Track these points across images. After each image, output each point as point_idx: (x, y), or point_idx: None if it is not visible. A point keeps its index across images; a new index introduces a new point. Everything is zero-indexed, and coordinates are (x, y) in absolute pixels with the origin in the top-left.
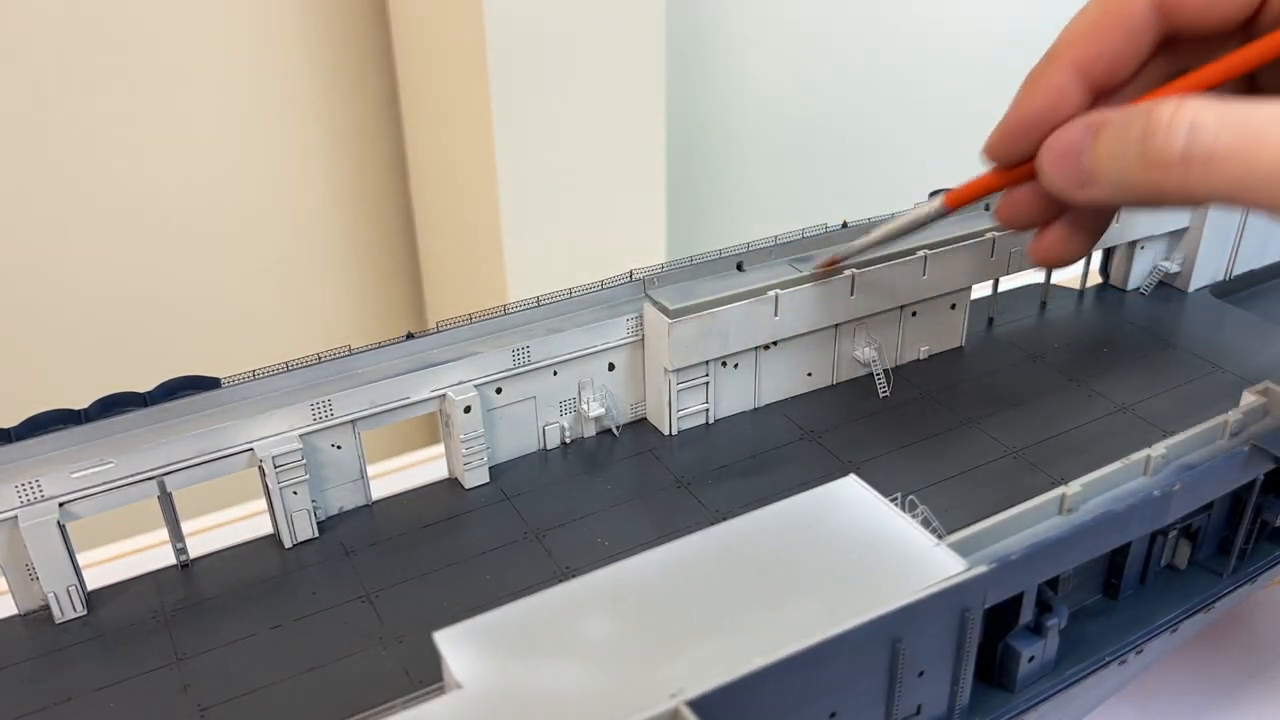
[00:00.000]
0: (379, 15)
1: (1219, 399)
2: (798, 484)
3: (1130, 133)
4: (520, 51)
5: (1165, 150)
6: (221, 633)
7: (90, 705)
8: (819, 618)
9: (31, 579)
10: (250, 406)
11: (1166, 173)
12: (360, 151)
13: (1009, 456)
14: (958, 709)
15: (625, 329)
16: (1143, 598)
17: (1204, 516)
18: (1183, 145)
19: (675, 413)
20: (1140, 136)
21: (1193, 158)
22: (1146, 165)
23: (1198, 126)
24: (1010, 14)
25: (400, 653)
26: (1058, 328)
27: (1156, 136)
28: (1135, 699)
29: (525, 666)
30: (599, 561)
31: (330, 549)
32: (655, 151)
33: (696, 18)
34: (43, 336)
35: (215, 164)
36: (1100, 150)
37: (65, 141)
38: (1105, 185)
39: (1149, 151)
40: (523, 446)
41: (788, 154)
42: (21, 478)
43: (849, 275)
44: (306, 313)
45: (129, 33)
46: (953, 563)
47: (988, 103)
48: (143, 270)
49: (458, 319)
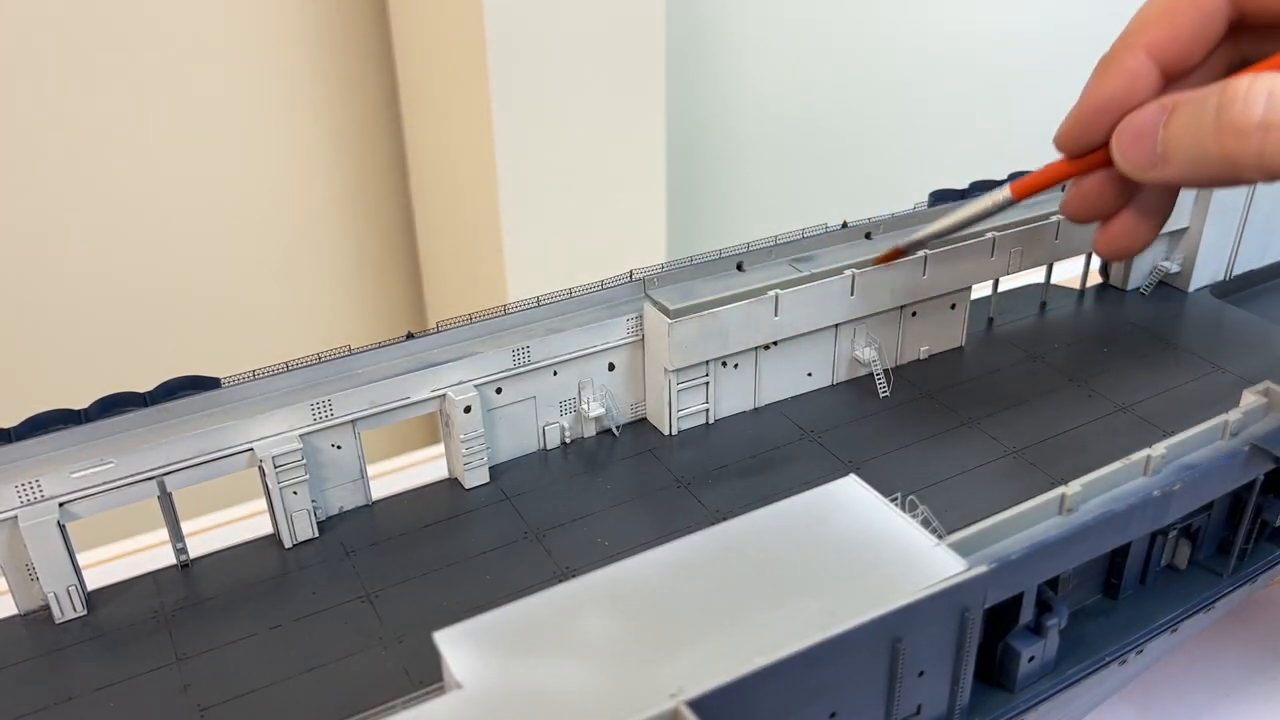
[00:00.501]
0: (379, 15)
1: (1219, 399)
2: (798, 484)
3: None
4: (520, 51)
5: (1243, 117)
6: (221, 633)
7: (90, 705)
8: (819, 618)
9: (31, 579)
10: (250, 406)
11: (1244, 140)
12: (360, 151)
13: (1009, 456)
14: (958, 709)
15: (625, 329)
16: (1143, 598)
17: (1204, 516)
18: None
19: (675, 413)
20: (1217, 107)
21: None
22: (1223, 134)
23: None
24: (1010, 14)
25: (400, 653)
26: (1058, 328)
27: (1235, 105)
28: (1135, 699)
29: (525, 666)
30: (599, 561)
31: (330, 549)
32: (655, 151)
33: (696, 18)
34: (43, 336)
35: (215, 164)
36: (1175, 126)
37: (65, 141)
38: (1179, 162)
39: (1225, 121)
40: (523, 446)
41: (788, 154)
42: (21, 478)
43: (849, 275)
44: (306, 313)
45: (128, 33)
46: (953, 563)
47: (988, 103)
48: (143, 270)
49: (458, 319)
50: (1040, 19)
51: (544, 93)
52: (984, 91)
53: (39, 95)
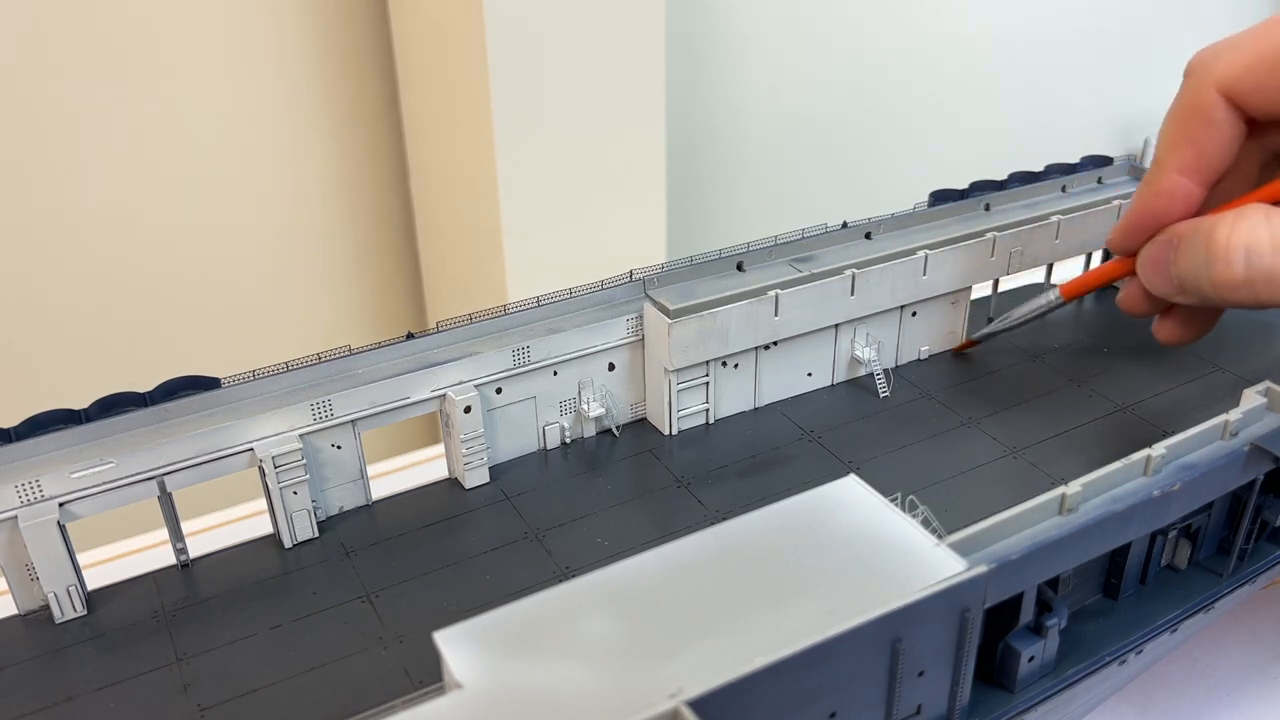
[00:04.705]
0: (379, 15)
1: (1219, 399)
2: (798, 484)
3: (1197, 255)
4: (521, 51)
5: (1228, 275)
6: (221, 633)
7: (90, 705)
8: (819, 618)
9: (31, 579)
10: (250, 406)
11: (1235, 293)
12: (360, 152)
13: (1009, 456)
14: (958, 709)
15: (625, 329)
16: (1143, 598)
17: (1204, 516)
18: (1242, 271)
19: (675, 413)
20: (1205, 260)
21: (1255, 280)
22: (1216, 288)
23: (1253, 251)
24: (1010, 14)
25: (400, 653)
26: (1058, 328)
27: (1217, 263)
28: (1135, 699)
29: (525, 666)
30: (599, 561)
31: (330, 549)
32: (655, 151)
33: (697, 18)
34: (43, 336)
35: (216, 164)
36: (1180, 264)
37: (65, 142)
38: (1193, 294)
39: (1214, 276)
40: (523, 446)
41: (787, 154)
42: (21, 478)
43: (849, 275)
44: (306, 313)
45: (128, 33)
46: (953, 563)
47: (988, 103)
48: (143, 270)
49: (458, 319)
50: (1040, 19)
51: (544, 93)
52: (984, 91)
53: (39, 96)
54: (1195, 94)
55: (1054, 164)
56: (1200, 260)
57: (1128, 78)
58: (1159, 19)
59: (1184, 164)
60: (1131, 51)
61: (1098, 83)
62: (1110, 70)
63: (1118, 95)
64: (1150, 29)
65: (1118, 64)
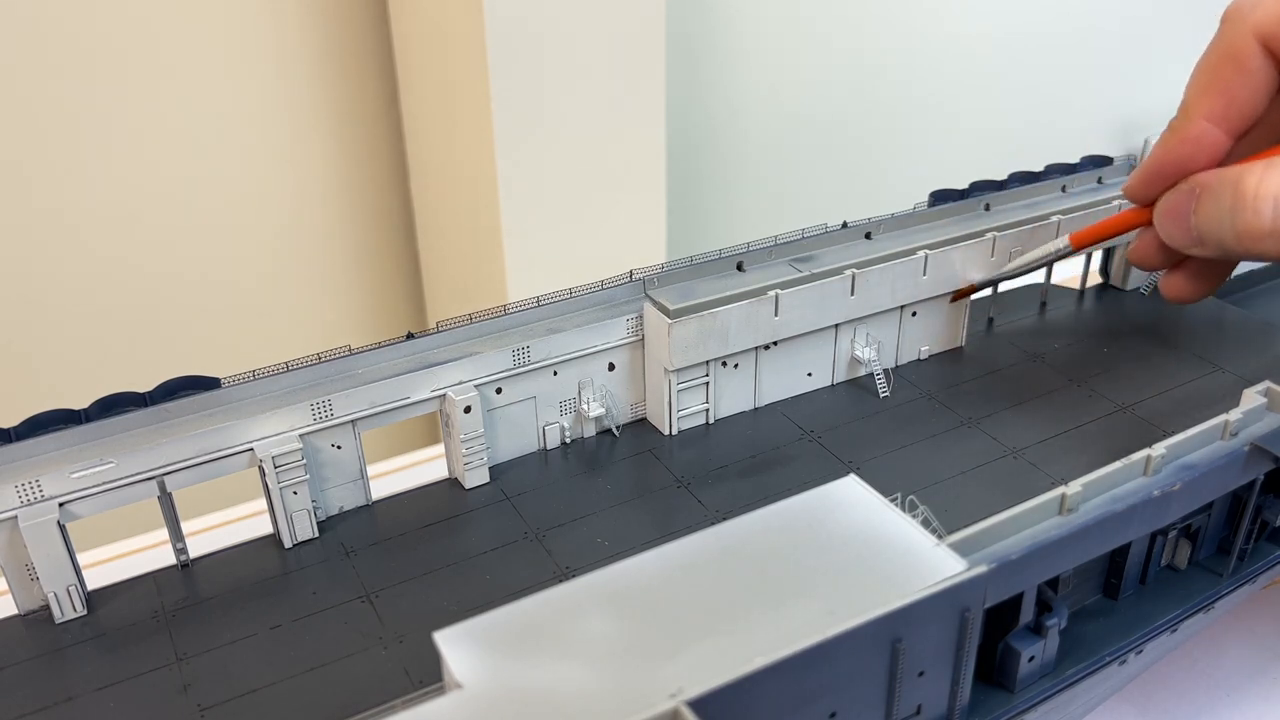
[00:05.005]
0: (379, 15)
1: (1219, 399)
2: (798, 484)
3: (1222, 203)
4: (521, 51)
5: (1255, 225)
6: (221, 633)
7: (90, 705)
8: (819, 618)
9: (31, 579)
10: (250, 406)
11: (1260, 243)
12: (360, 152)
13: (1009, 456)
14: (958, 709)
15: (625, 329)
16: (1143, 598)
17: (1204, 516)
18: (1270, 220)
19: (675, 413)
20: (1230, 209)
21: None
22: (1240, 238)
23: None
24: (1010, 14)
25: (400, 653)
26: (1058, 328)
27: (1245, 211)
28: (1135, 699)
29: (525, 666)
30: (599, 561)
31: (330, 549)
32: (655, 151)
33: (697, 18)
34: (43, 336)
35: (216, 164)
36: (1202, 214)
37: (65, 141)
38: (1213, 245)
39: (1240, 226)
40: (523, 446)
41: (787, 154)
42: (21, 478)
43: (849, 275)
44: (306, 313)
45: (128, 33)
46: (953, 563)
47: (988, 103)
48: (143, 270)
49: (458, 319)
50: (1040, 19)
51: (544, 93)
52: (984, 91)
53: (39, 96)
54: (1231, 40)
55: (1054, 164)
56: (1225, 210)
57: (1128, 78)
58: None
59: (1213, 112)
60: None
61: (1098, 83)
62: (1110, 70)
63: (1118, 95)
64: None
65: (1118, 64)
